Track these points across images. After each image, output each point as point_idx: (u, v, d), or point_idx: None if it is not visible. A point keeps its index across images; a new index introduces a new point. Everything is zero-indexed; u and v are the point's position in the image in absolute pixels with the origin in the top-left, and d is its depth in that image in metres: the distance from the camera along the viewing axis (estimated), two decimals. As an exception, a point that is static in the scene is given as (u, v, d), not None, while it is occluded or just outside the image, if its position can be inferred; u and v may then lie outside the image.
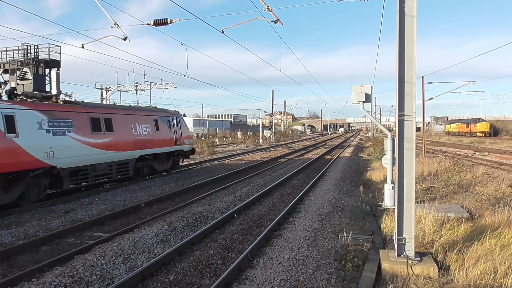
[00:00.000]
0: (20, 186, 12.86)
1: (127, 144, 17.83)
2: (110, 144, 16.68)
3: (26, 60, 22.24)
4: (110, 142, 16.66)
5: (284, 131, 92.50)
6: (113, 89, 43.38)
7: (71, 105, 15.56)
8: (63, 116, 14.47)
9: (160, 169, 21.07)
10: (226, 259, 8.32)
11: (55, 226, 10.96)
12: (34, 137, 13.04)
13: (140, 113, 19.76)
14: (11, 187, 12.57)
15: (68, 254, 8.32)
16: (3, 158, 11.93)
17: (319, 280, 6.95)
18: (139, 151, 18.68)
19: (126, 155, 17.82)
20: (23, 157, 12.56)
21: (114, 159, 17.01)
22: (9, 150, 12.16)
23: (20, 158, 12.49)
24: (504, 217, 8.84)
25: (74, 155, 14.68)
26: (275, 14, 13.02)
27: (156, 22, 13.71)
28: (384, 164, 8.04)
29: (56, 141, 13.86)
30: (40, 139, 13.26)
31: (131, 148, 18.09)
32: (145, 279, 7.16)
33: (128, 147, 17.87)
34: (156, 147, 20.09)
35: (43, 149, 13.32)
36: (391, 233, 8.76)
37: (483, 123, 79.11)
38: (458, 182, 14.61)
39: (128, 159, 18.04)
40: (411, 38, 6.91)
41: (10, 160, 12.19)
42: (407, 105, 7.05)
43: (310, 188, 16.53)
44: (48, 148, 13.51)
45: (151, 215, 12.13)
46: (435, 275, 6.66)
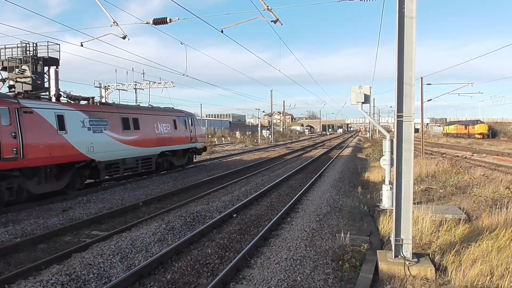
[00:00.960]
0: (68, 176, 14.97)
1: (150, 141, 19.90)
2: (137, 141, 18.81)
3: (25, 57, 22.19)
4: (137, 139, 18.80)
5: (282, 131, 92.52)
6: (112, 88, 43.30)
7: (106, 106, 17.86)
8: (100, 116, 16.64)
9: (177, 164, 23.04)
10: (223, 258, 8.32)
11: (53, 224, 10.95)
12: (79, 134, 15.18)
13: (161, 114, 21.80)
14: (61, 176, 14.68)
15: (66, 253, 8.31)
16: (56, 152, 14.08)
17: (316, 280, 6.96)
18: (160, 147, 20.74)
19: (150, 151, 19.93)
20: (70, 151, 14.74)
21: (140, 155, 19.17)
22: (61, 145, 14.32)
23: (68, 151, 14.65)
24: (501, 218, 8.86)
25: (109, 150, 16.81)
26: (275, 14, 13.01)
27: (156, 21, 13.69)
28: (383, 165, 8.04)
29: (95, 137, 16.00)
30: (83, 136, 15.42)
31: (154, 145, 20.17)
32: (142, 278, 7.16)
33: (151, 144, 19.97)
34: (174, 144, 22.21)
35: (86, 144, 15.46)
36: (388, 234, 8.78)
37: (482, 124, 79.25)
38: (456, 184, 14.62)
39: (151, 155, 20.11)
40: (411, 39, 6.92)
41: (61, 153, 14.34)
42: (406, 106, 7.06)
43: (308, 188, 16.54)
44: (89, 144, 15.66)
45: (149, 214, 12.12)
46: (432, 276, 6.67)
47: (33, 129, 13.18)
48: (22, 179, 12.87)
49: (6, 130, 12.16)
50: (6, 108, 12.29)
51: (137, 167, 19.12)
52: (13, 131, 12.40)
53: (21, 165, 12.62)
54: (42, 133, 13.56)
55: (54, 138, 14.03)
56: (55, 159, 13.99)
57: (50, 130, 13.94)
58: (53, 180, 14.32)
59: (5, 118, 12.20)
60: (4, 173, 12.12)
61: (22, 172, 12.79)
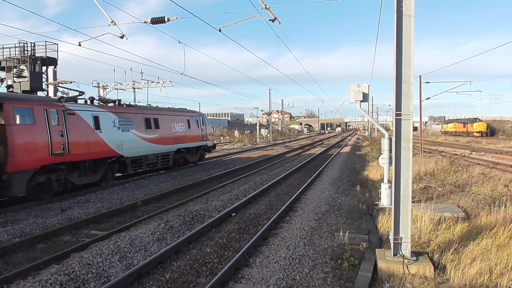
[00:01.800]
0: (102, 170, 16.77)
1: (169, 139, 21.80)
2: (158, 139, 20.64)
3: (23, 57, 22.17)
4: (157, 138, 20.63)
5: (281, 130, 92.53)
6: (111, 87, 43.24)
7: (131, 108, 19.75)
8: (127, 116, 18.53)
9: (191, 161, 24.95)
10: (222, 257, 8.32)
11: (52, 224, 10.93)
12: (111, 133, 17.03)
13: (177, 114, 23.80)
14: (97, 170, 16.48)
15: (64, 252, 8.30)
16: (93, 148, 15.94)
17: (315, 279, 6.96)
18: (176, 145, 22.65)
19: (168, 148, 21.80)
20: (104, 148, 16.60)
21: (160, 151, 20.94)
22: (97, 142, 16.18)
23: (103, 148, 16.50)
24: (500, 217, 8.88)
25: (134, 147, 18.69)
26: (273, 13, 13.02)
27: (153, 20, 13.68)
28: (381, 164, 8.04)
29: (123, 136, 17.86)
30: (114, 134, 17.29)
31: (171, 143, 22.07)
32: (141, 277, 7.16)
33: (169, 142, 21.84)
34: (188, 142, 24.13)
35: (116, 142, 17.34)
36: (387, 232, 8.78)
37: (480, 123, 79.36)
38: (455, 182, 14.65)
39: (169, 152, 22.00)
40: (409, 38, 6.92)
41: (97, 149, 16.20)
42: (405, 104, 7.06)
43: (307, 187, 16.55)
44: (119, 141, 17.53)
45: (147, 214, 12.11)
46: (431, 275, 6.68)
47: (75, 128, 15.06)
48: (67, 172, 14.81)
49: (55, 130, 14.05)
50: (55, 110, 14.23)
51: (157, 162, 20.88)
52: (61, 130, 14.31)
53: (67, 160, 14.57)
54: (82, 132, 15.46)
55: (92, 137, 15.95)
56: (92, 155, 15.93)
57: (88, 129, 15.82)
58: (91, 173, 16.20)
59: (54, 119, 14.10)
60: (54, 167, 14.06)
61: (67, 165, 14.73)
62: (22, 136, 12.88)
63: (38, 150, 13.33)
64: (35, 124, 13.36)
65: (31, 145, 13.15)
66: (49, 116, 13.89)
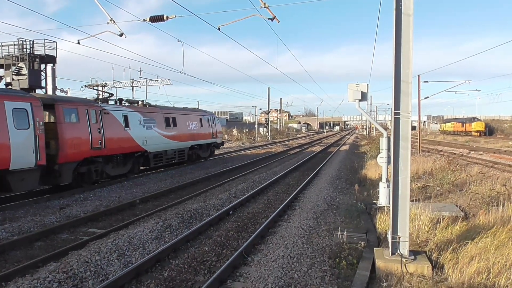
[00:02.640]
0: (130, 163, 19.03)
1: (184, 137, 24.05)
2: (175, 136, 22.91)
3: (21, 55, 22.10)
4: (175, 135, 22.88)
5: (280, 129, 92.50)
6: (109, 85, 43.14)
7: (153, 108, 21.86)
8: (150, 115, 20.74)
9: (203, 156, 27.32)
10: (220, 256, 8.32)
11: (50, 222, 10.92)
12: (138, 130, 19.27)
13: (191, 113, 26.08)
14: (126, 163, 18.77)
15: (63, 250, 8.29)
16: (124, 143, 18.24)
17: (313, 277, 6.97)
18: (191, 142, 24.91)
19: (184, 144, 23.98)
20: (132, 143, 18.84)
21: (177, 147, 23.17)
22: (126, 138, 18.42)
23: (131, 143, 18.77)
24: (498, 216, 8.90)
25: (156, 143, 20.85)
26: (272, 12, 13.00)
27: (152, 19, 13.66)
28: (380, 163, 8.04)
29: (147, 133, 20.08)
30: (140, 131, 19.49)
31: (186, 140, 24.30)
32: (139, 275, 7.16)
33: (185, 138, 24.09)
34: (201, 139, 26.49)
35: (142, 138, 19.51)
36: (385, 231, 8.80)
37: (479, 122, 79.43)
38: (453, 181, 14.67)
39: (185, 148, 24.14)
40: (408, 37, 6.92)
41: (127, 145, 18.48)
42: (403, 103, 7.06)
43: (305, 186, 16.55)
44: (144, 138, 19.71)
45: (146, 212, 12.11)
46: (429, 274, 6.69)
47: (109, 126, 17.28)
48: (103, 164, 16.93)
49: (95, 127, 16.28)
50: (94, 110, 16.51)
51: (175, 157, 23.13)
52: (99, 128, 16.52)
53: (103, 153, 16.75)
54: (115, 129, 17.67)
55: (122, 133, 18.16)
56: (123, 149, 18.20)
57: (119, 127, 18.06)
58: (122, 165, 18.42)
59: (94, 118, 16.37)
60: (93, 159, 16.23)
61: (103, 158, 16.88)
62: (69, 132, 15.07)
63: (82, 144, 15.57)
64: (79, 122, 15.59)
65: (77, 140, 15.36)
66: (89, 115, 16.18)
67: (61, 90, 37.85)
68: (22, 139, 12.71)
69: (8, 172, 12.26)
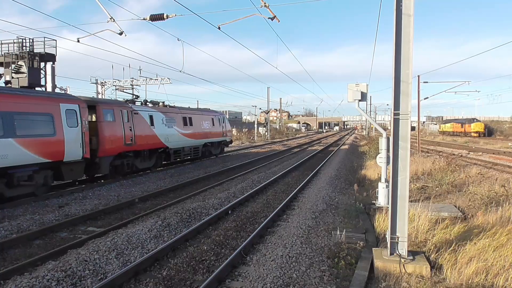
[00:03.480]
0: (154, 158, 21.44)
1: (199, 135, 26.48)
2: (191, 134, 25.30)
3: (21, 53, 22.07)
4: (191, 133, 25.28)
5: (279, 129, 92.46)
6: (109, 84, 43.12)
7: (173, 108, 24.54)
8: (170, 115, 23.04)
9: (214, 153, 29.63)
10: (219, 255, 8.32)
11: (49, 220, 10.92)
12: (161, 129, 21.56)
13: (205, 114, 28.52)
14: (151, 157, 21.16)
15: (61, 249, 8.29)
16: (150, 140, 20.51)
17: (311, 277, 6.97)
18: (204, 140, 27.31)
19: (199, 142, 26.40)
20: (157, 140, 21.16)
21: (193, 145, 25.52)
22: (152, 136, 20.74)
23: (156, 140, 21.07)
24: (497, 217, 8.91)
25: (176, 140, 23.19)
26: (272, 11, 12.99)
27: (153, 17, 13.65)
28: (379, 163, 8.04)
29: (169, 131, 22.40)
30: (163, 130, 21.80)
31: (201, 138, 26.73)
32: (138, 274, 7.16)
33: (200, 137, 26.51)
34: (213, 137, 28.84)
35: (164, 136, 21.79)
36: (384, 231, 8.80)
37: (478, 123, 79.46)
38: (452, 182, 14.68)
39: (199, 145, 26.54)
40: (408, 37, 6.92)
41: (152, 141, 20.79)
42: (403, 104, 7.06)
43: (304, 185, 16.56)
44: (166, 136, 21.98)
45: (145, 211, 12.10)
46: (427, 274, 6.70)
47: (138, 125, 19.60)
48: (133, 158, 19.30)
49: (127, 126, 18.58)
50: (126, 111, 18.78)
51: (191, 153, 25.41)
52: (130, 126, 18.79)
53: (134, 149, 19.10)
54: (143, 128, 19.96)
55: (149, 131, 20.47)
56: (149, 146, 20.50)
57: (146, 125, 20.33)
58: (148, 160, 20.81)
59: (126, 118, 18.65)
60: (126, 154, 18.56)
61: (134, 153, 19.27)
62: (107, 130, 17.30)
63: (117, 140, 17.85)
64: (115, 121, 17.88)
65: (113, 137, 17.61)
66: (123, 115, 18.45)
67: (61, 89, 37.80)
68: (72, 136, 14.95)
69: (62, 163, 14.64)
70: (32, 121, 13.47)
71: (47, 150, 13.82)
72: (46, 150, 13.80)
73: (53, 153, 14.10)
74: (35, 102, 13.80)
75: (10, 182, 12.70)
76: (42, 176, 13.92)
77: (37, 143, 13.43)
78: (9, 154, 12.35)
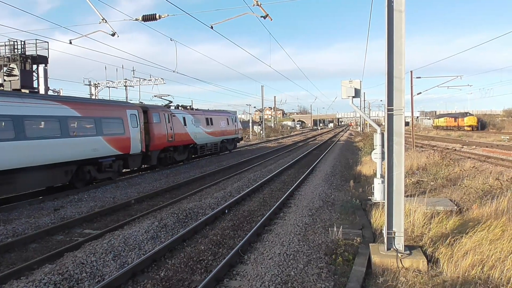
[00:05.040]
0: (186, 152, 26.08)
1: (218, 133, 31.14)
2: (212, 132, 29.99)
3: (13, 56, 21.93)
4: (212, 131, 29.96)
5: (274, 127, 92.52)
6: (102, 85, 42.93)
7: (197, 111, 29.19)
8: (197, 117, 27.63)
9: (229, 148, 34.25)
10: (217, 255, 8.32)
11: (44, 224, 10.86)
12: (191, 128, 26.28)
13: (222, 114, 33.41)
14: (185, 152, 25.81)
15: (58, 252, 8.25)
16: (184, 138, 25.10)
17: (309, 274, 6.98)
18: (221, 137, 31.98)
19: (217, 139, 31.07)
20: (188, 138, 25.87)
21: (213, 141, 30.27)
22: (185, 134, 25.36)
23: (188, 138, 25.75)
24: (491, 209, 8.97)
25: (201, 138, 27.87)
26: (264, 10, 12.99)
27: (145, 18, 13.60)
28: (374, 159, 8.07)
29: (196, 130, 27.00)
30: (192, 129, 26.45)
31: (219, 135, 31.39)
32: (135, 275, 7.14)
33: (218, 134, 31.18)
34: (228, 135, 33.56)
35: (193, 134, 26.47)
36: (381, 227, 8.84)
37: (471, 117, 79.96)
38: (447, 176, 14.76)
39: (218, 141, 31.20)
40: (400, 33, 6.94)
41: (185, 138, 25.42)
42: (396, 99, 7.09)
43: (301, 183, 16.58)
44: (195, 134, 26.63)
45: (141, 212, 12.07)
46: (424, 268, 6.74)
47: (176, 125, 24.06)
48: (173, 152, 23.88)
49: (168, 126, 23.01)
50: (167, 114, 23.25)
51: (212, 149, 30.09)
52: (170, 126, 23.26)
53: (173, 144, 23.62)
54: (179, 127, 24.51)
55: (183, 130, 25.06)
56: (183, 142, 25.08)
57: (181, 126, 24.91)
58: (182, 153, 25.36)
59: (167, 119, 23.00)
60: (168, 148, 23.13)
61: (173, 148, 23.84)
62: (156, 130, 21.71)
63: (162, 138, 22.22)
64: (160, 122, 22.20)
65: (159, 135, 22.00)
66: (165, 117, 22.82)
67: (54, 91, 37.56)
68: (135, 134, 19.29)
69: (129, 155, 18.98)
70: (111, 123, 17.79)
71: (120, 145, 18.11)
72: (120, 145, 18.09)
73: (123, 147, 18.38)
74: (112, 109, 18.19)
75: (100, 168, 17.02)
76: (117, 164, 18.25)
77: (114, 139, 17.72)
78: (99, 148, 16.73)
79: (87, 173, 16.31)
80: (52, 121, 14.52)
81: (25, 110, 13.23)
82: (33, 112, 13.57)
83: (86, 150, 15.94)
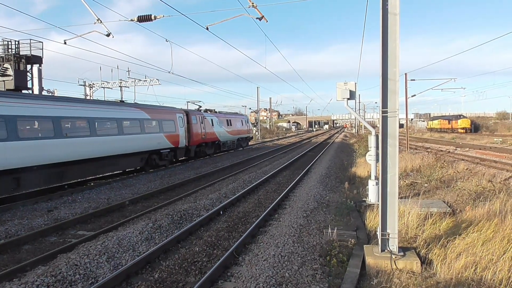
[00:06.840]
0: (213, 148, 31.81)
1: (235, 132, 37.29)
2: (231, 132, 36.04)
3: (6, 56, 21.79)
4: (231, 131, 35.99)
5: (269, 128, 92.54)
6: (97, 86, 42.74)
7: (220, 113, 34.71)
8: (220, 119, 33.59)
9: (243, 146, 40.82)
10: (211, 256, 8.31)
11: (38, 225, 10.80)
12: (217, 128, 31.99)
13: (238, 117, 40.16)
14: (212, 147, 31.55)
15: (51, 253, 8.21)
16: (212, 136, 30.87)
17: (304, 276, 6.99)
18: (237, 136, 38.15)
19: (235, 137, 37.31)
20: (215, 136, 31.62)
21: (232, 139, 36.49)
22: (212, 133, 31.07)
23: (214, 136, 31.51)
24: (484, 211, 9.02)
25: (224, 136, 33.84)
26: (260, 11, 13.00)
27: (140, 18, 13.56)
28: (368, 161, 8.10)
29: (220, 129, 32.87)
30: (218, 129, 32.29)
31: (236, 134, 37.60)
32: (129, 277, 7.11)
33: (235, 133, 37.32)
34: (242, 134, 40.05)
35: (218, 133, 32.29)
36: (375, 228, 8.87)
37: (464, 119, 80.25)
38: (440, 178, 14.83)
39: (235, 139, 37.46)
40: (394, 36, 6.97)
41: (213, 137, 31.25)
42: (390, 101, 7.12)
43: (295, 184, 16.60)
44: (219, 133, 32.50)
45: (135, 213, 12.03)
46: (418, 269, 6.77)
47: (206, 125, 29.86)
48: (204, 147, 29.58)
49: (202, 126, 28.75)
50: (200, 116, 29.03)
51: (231, 146, 36.12)
52: (203, 126, 29.07)
53: (205, 141, 29.52)
54: (209, 127, 30.23)
55: (211, 130, 30.77)
56: (212, 139, 30.97)
57: (210, 126, 30.62)
58: (211, 149, 31.26)
59: (201, 121, 28.82)
60: (201, 144, 28.91)
61: (205, 144, 29.60)
62: (194, 129, 27.52)
63: (198, 136, 28.13)
64: (196, 123, 28.00)
65: (196, 133, 27.83)
66: (200, 119, 28.72)
67: (48, 91, 37.39)
68: (182, 132, 25.27)
69: (177, 148, 24.70)
70: (167, 124, 23.48)
71: (173, 140, 23.92)
72: (173, 140, 23.90)
73: (175, 142, 24.13)
74: (167, 113, 24.11)
75: (160, 157, 22.86)
76: (170, 155, 24.06)
77: (169, 136, 23.53)
78: (161, 142, 22.55)
79: (153, 160, 22.08)
80: (136, 122, 20.44)
81: (124, 114, 19.55)
82: (127, 116, 19.83)
83: (153, 143, 21.78)
